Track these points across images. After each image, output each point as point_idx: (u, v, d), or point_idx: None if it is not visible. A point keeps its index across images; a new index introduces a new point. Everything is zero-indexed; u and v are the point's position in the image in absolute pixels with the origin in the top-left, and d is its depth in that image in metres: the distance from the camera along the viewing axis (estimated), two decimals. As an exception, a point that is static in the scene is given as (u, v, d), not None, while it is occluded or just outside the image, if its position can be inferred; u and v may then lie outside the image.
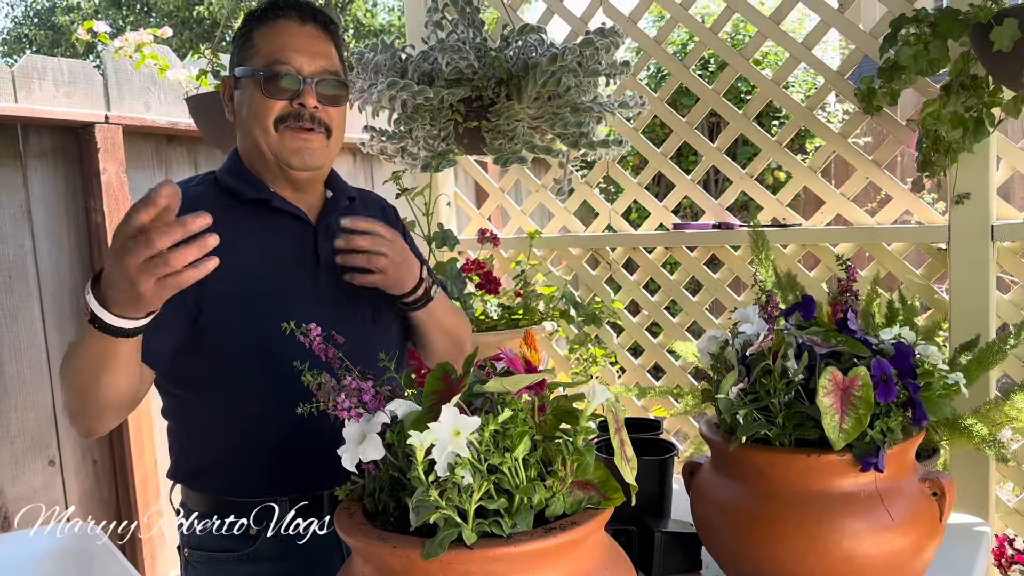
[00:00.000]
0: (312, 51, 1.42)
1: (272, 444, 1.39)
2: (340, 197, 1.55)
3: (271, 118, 1.40)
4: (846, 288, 1.32)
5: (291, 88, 1.39)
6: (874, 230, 2.33)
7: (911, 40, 1.95)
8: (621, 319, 2.81)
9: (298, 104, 1.40)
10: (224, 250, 1.35)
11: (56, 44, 16.79)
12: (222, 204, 1.42)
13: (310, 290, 1.43)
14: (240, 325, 1.37)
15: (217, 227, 1.37)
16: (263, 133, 1.41)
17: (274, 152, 1.42)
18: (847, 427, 1.12)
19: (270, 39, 1.41)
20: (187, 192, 1.42)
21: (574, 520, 0.91)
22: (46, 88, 2.59)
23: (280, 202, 1.45)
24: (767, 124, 5.33)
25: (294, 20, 1.43)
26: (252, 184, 1.45)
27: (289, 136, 1.40)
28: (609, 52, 1.96)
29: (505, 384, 0.92)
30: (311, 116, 1.41)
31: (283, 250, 1.44)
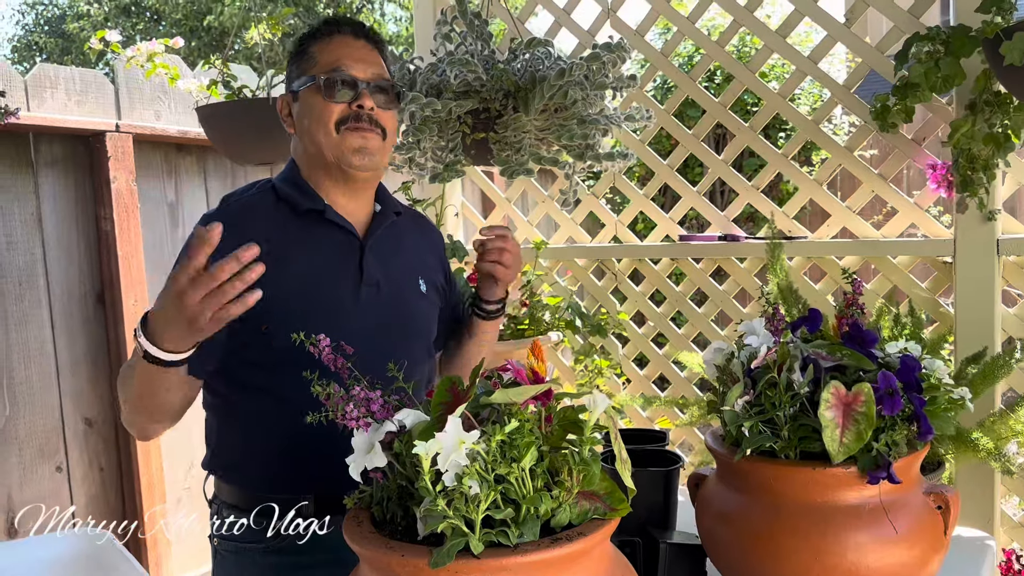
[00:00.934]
0: (366, 60, 1.52)
1: (310, 447, 1.41)
2: (388, 212, 1.61)
3: (333, 120, 1.48)
4: (852, 301, 1.32)
5: (350, 91, 1.48)
6: (880, 243, 2.33)
7: (922, 58, 1.96)
8: (627, 330, 2.82)
9: (356, 106, 1.48)
10: (276, 260, 1.40)
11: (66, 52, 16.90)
12: (278, 213, 1.50)
13: (351, 303, 1.48)
14: (283, 334, 1.37)
15: (272, 236, 1.44)
16: (326, 135, 1.48)
17: (335, 153, 1.48)
18: (847, 441, 1.12)
19: (327, 51, 1.51)
20: (245, 200, 1.52)
21: (580, 530, 0.92)
22: (58, 96, 2.62)
23: (332, 214, 1.51)
24: (773, 136, 5.34)
25: (348, 35, 1.53)
26: (307, 194, 1.51)
27: (349, 135, 1.48)
28: (616, 66, 1.98)
29: (511, 395, 0.93)
30: (369, 117, 1.49)
31: (330, 263, 1.50)
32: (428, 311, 1.63)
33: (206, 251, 1.12)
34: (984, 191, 2.04)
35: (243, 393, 1.48)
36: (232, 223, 1.41)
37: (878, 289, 2.37)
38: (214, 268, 1.12)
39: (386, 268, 1.55)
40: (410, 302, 1.58)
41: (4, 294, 2.48)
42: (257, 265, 1.14)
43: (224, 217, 1.44)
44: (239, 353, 1.43)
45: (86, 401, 2.67)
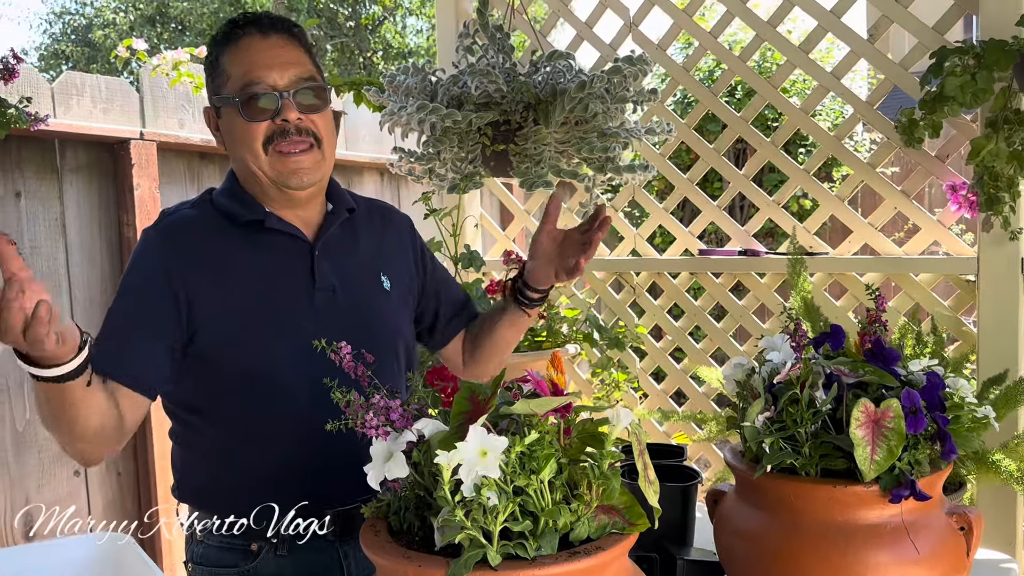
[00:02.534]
0: (281, 62, 1.37)
1: (277, 468, 1.39)
2: (339, 210, 1.52)
3: (258, 142, 1.37)
4: (875, 318, 1.31)
5: (270, 107, 1.36)
6: (902, 260, 2.32)
7: (957, 71, 1.94)
8: (644, 344, 2.80)
9: (281, 120, 1.36)
10: (219, 277, 1.37)
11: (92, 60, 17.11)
12: (217, 227, 1.41)
13: (305, 310, 1.41)
14: (235, 349, 1.36)
15: (213, 251, 1.38)
16: (254, 158, 1.38)
17: (269, 176, 1.39)
18: (878, 459, 1.11)
19: (237, 61, 1.37)
20: (181, 215, 1.43)
21: (599, 545, 0.91)
22: (84, 104, 2.65)
23: (274, 222, 1.42)
24: (794, 152, 5.32)
25: (255, 35, 1.38)
26: (247, 205, 1.42)
27: (280, 160, 1.37)
28: (637, 79, 1.98)
29: (532, 406, 0.92)
30: (296, 128, 1.37)
31: (277, 271, 1.42)
32: (395, 308, 1.54)
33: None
34: (1009, 209, 2.02)
35: (204, 419, 1.42)
36: (167, 239, 1.38)
37: (899, 307, 2.35)
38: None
39: (341, 270, 1.46)
40: (372, 302, 1.49)
41: (27, 298, 2.50)
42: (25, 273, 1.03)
43: (165, 232, 1.40)
44: (196, 377, 1.37)
45: (105, 406, 2.69)
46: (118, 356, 1.31)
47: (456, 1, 2.95)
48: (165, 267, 1.35)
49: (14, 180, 2.48)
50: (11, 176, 2.48)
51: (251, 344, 1.36)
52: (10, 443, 2.46)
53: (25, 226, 2.50)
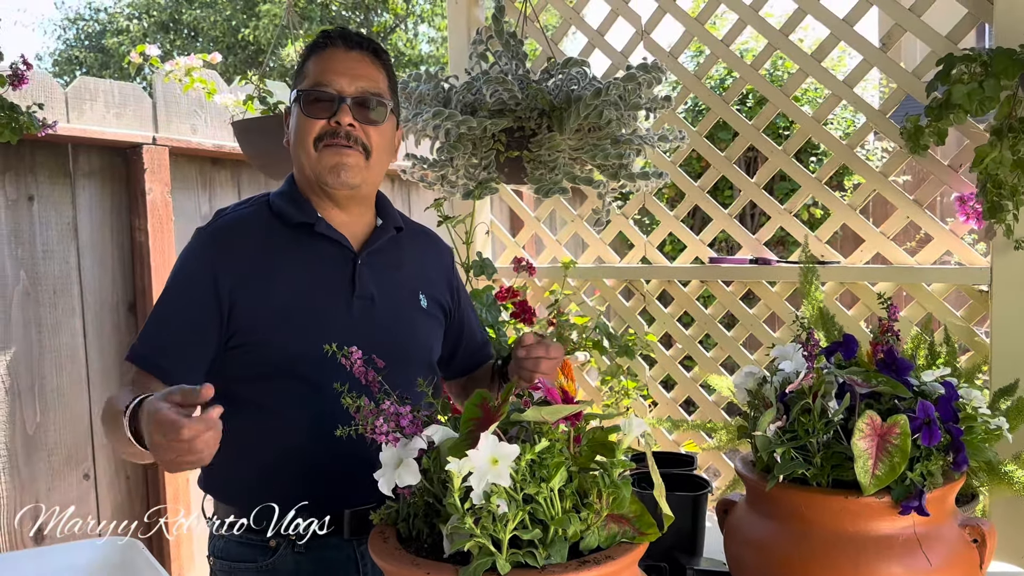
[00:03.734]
0: (354, 73, 1.45)
1: (302, 463, 1.41)
2: (388, 226, 1.57)
3: (311, 137, 1.44)
4: (887, 328, 1.30)
5: (328, 107, 1.43)
6: (914, 270, 2.30)
7: (964, 79, 1.93)
8: (654, 351, 2.80)
9: (335, 122, 1.43)
10: (263, 274, 1.42)
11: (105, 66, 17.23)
12: (269, 227, 1.47)
13: (342, 317, 1.45)
14: (270, 344, 1.41)
15: (261, 250, 1.43)
16: (304, 153, 1.45)
17: (314, 171, 1.45)
18: (879, 473, 1.10)
19: (316, 64, 1.47)
20: (237, 213, 1.49)
21: (609, 554, 0.91)
22: (97, 109, 2.66)
23: (324, 227, 1.48)
24: (804, 160, 5.31)
25: (340, 47, 1.47)
26: (300, 207, 1.48)
27: (326, 153, 1.44)
28: (651, 87, 1.98)
29: (543, 414, 0.92)
30: (347, 134, 1.44)
31: (320, 276, 1.46)
32: (429, 326, 1.59)
33: (185, 412, 1.06)
34: (1013, 217, 2.01)
35: (231, 407, 1.39)
36: (217, 240, 1.46)
37: (912, 316, 2.33)
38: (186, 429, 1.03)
39: (381, 281, 1.51)
40: (408, 316, 1.54)
41: (39, 302, 2.51)
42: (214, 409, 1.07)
43: (215, 232, 1.47)
44: (229, 366, 1.42)
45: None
46: (159, 353, 1.39)
47: (468, 9, 2.96)
48: (212, 269, 1.41)
49: (27, 184, 2.49)
50: (24, 180, 2.49)
51: (286, 340, 1.40)
52: (20, 446, 2.47)
53: (38, 230, 2.51)
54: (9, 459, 2.43)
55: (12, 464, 2.44)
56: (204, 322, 1.40)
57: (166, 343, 1.41)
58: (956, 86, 1.94)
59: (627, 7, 2.73)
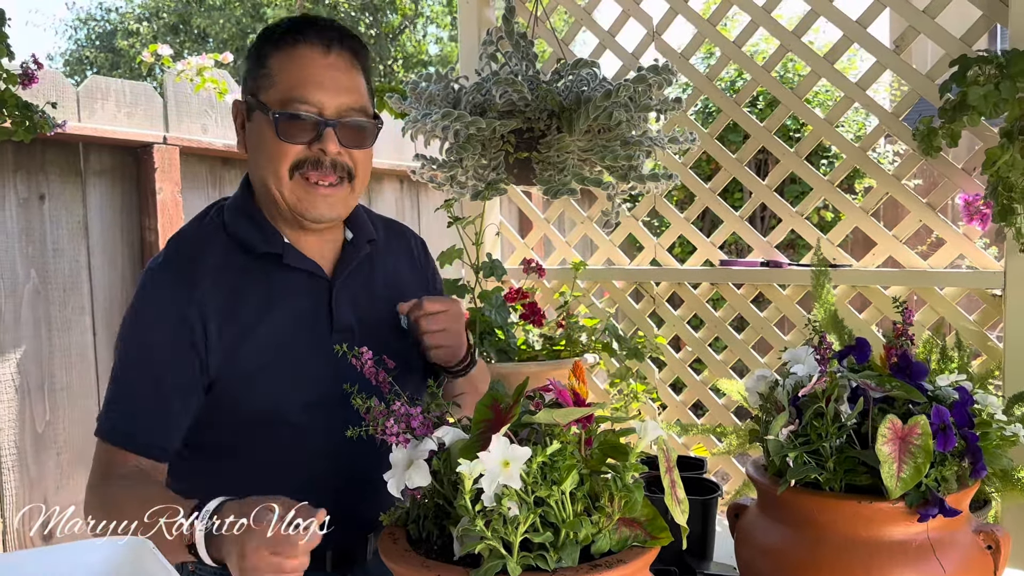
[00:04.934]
0: (336, 86, 1.26)
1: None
2: (360, 241, 1.41)
3: (286, 164, 1.25)
4: (902, 332, 1.29)
5: (310, 132, 1.25)
6: (927, 273, 2.29)
7: (980, 80, 1.92)
8: (664, 354, 2.78)
9: (318, 149, 1.25)
10: (233, 317, 1.26)
11: (115, 67, 17.30)
12: (229, 257, 1.31)
13: (319, 359, 1.30)
14: (252, 396, 1.29)
15: (226, 287, 1.27)
16: (276, 180, 1.26)
17: (288, 202, 1.28)
18: (905, 476, 1.09)
19: (288, 70, 1.25)
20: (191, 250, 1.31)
21: (620, 558, 0.90)
22: (108, 108, 2.67)
23: (293, 258, 1.32)
24: (815, 162, 5.29)
25: (317, 48, 1.26)
26: (264, 231, 1.32)
27: (305, 189, 1.26)
28: (661, 88, 1.97)
29: (555, 416, 0.91)
30: (332, 163, 1.26)
31: (295, 313, 1.31)
32: (409, 347, 1.41)
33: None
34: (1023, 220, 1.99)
35: (210, 454, 1.32)
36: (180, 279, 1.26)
37: (924, 320, 2.32)
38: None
39: (359, 309, 1.36)
40: (391, 344, 1.31)
41: (49, 300, 2.52)
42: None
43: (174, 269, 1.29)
44: (205, 414, 1.29)
45: (124, 409, 2.70)
46: (141, 426, 1.24)
47: (479, 10, 2.95)
48: (181, 314, 1.24)
49: (38, 183, 2.50)
50: (36, 179, 2.50)
51: (269, 391, 1.28)
52: (30, 444, 2.47)
53: (48, 228, 2.52)
54: (19, 457, 2.44)
55: (21, 462, 2.45)
56: (186, 378, 1.24)
57: (147, 413, 1.24)
58: (972, 88, 1.93)
59: (638, 8, 2.72)
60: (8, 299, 2.43)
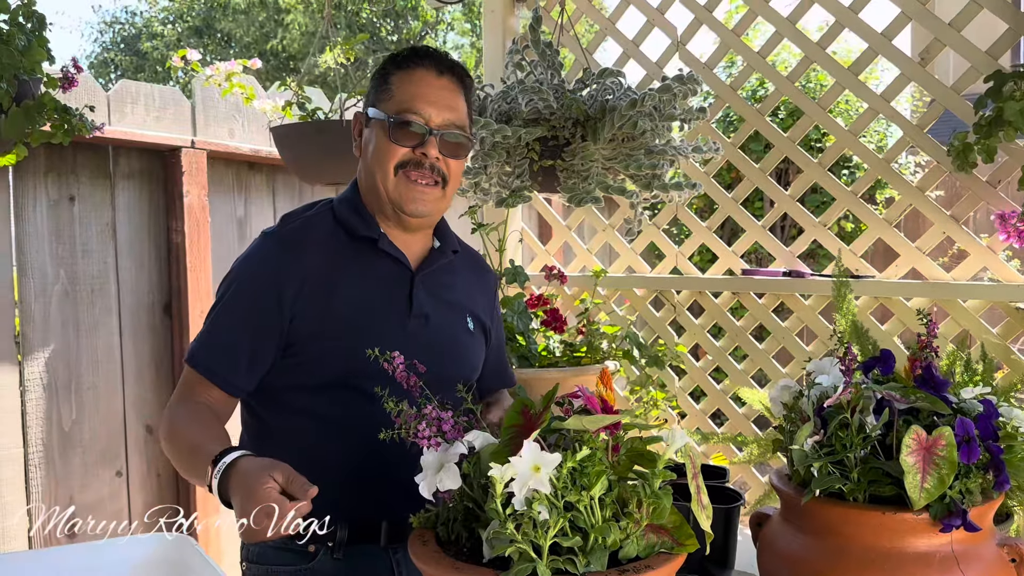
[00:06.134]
0: (443, 103, 1.47)
1: (343, 471, 1.42)
2: (446, 249, 1.59)
3: (393, 162, 1.45)
4: (926, 344, 1.29)
5: (416, 137, 1.45)
6: (950, 286, 2.28)
7: (1016, 95, 1.92)
8: (684, 362, 2.79)
9: (420, 152, 1.45)
10: (326, 286, 1.44)
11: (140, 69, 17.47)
12: (333, 236, 1.49)
13: (398, 333, 1.47)
14: (329, 358, 1.43)
15: (327, 260, 1.45)
16: (383, 176, 1.46)
17: (391, 196, 1.47)
18: (928, 487, 1.10)
19: (405, 86, 1.46)
20: (304, 220, 1.53)
21: (648, 563, 0.91)
22: (137, 112, 2.71)
23: (386, 244, 1.50)
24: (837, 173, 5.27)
25: (431, 71, 1.48)
26: (365, 220, 1.50)
27: (406, 184, 1.46)
28: (686, 98, 1.98)
29: (585, 423, 0.93)
30: (431, 166, 1.46)
31: (380, 292, 1.49)
32: (475, 348, 1.62)
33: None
34: None
35: (282, 414, 1.48)
36: (284, 249, 1.47)
37: (947, 333, 2.31)
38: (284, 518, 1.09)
39: (436, 302, 1.54)
40: (458, 337, 1.56)
41: (77, 301, 2.56)
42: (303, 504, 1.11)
43: (283, 240, 1.48)
44: (283, 374, 1.44)
45: (148, 408, 2.73)
46: (220, 361, 1.42)
47: (503, 18, 2.98)
48: (277, 278, 1.43)
49: (69, 185, 2.54)
50: (66, 181, 2.54)
51: (345, 355, 1.42)
52: (56, 443, 2.51)
53: (77, 229, 2.56)
54: (45, 455, 2.48)
55: (48, 460, 2.48)
56: (267, 332, 1.42)
57: (229, 351, 1.43)
58: (1008, 103, 1.93)
59: (663, 18, 2.74)
60: (38, 299, 2.47)
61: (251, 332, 1.42)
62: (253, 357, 1.42)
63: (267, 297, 1.42)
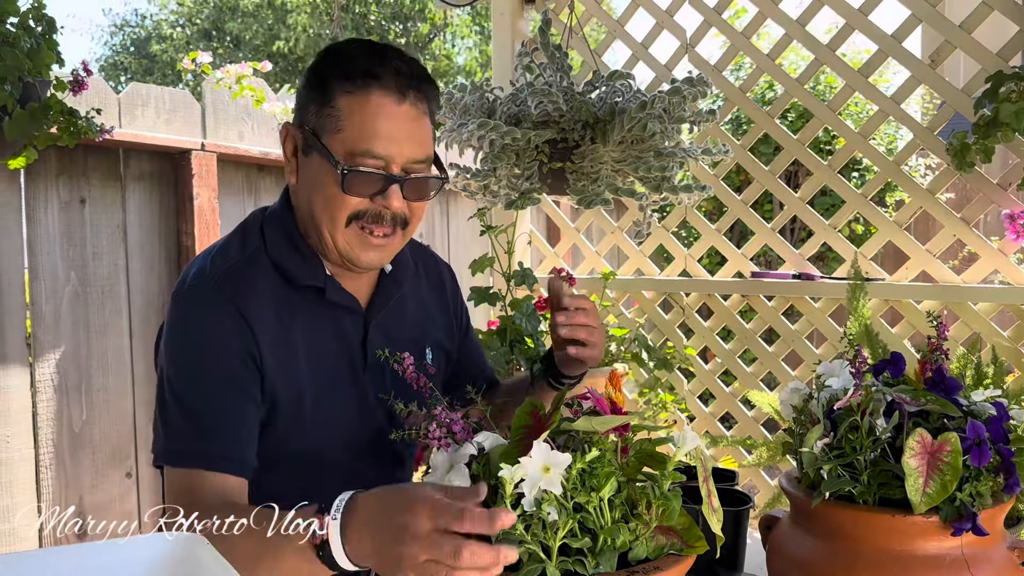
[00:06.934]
0: (406, 137, 1.20)
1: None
2: (400, 276, 1.39)
3: (344, 214, 1.21)
4: (936, 346, 1.29)
5: (374, 187, 1.20)
6: (961, 288, 2.28)
7: (1012, 97, 1.91)
8: (693, 365, 2.78)
9: (381, 204, 1.21)
10: (280, 352, 1.24)
11: (149, 72, 17.55)
12: (275, 290, 1.27)
13: (354, 392, 1.32)
14: (287, 428, 1.27)
15: (274, 323, 1.23)
16: (331, 225, 1.22)
17: (339, 248, 1.25)
18: (931, 491, 1.09)
19: (358, 118, 1.18)
20: (237, 269, 1.25)
21: (657, 565, 0.91)
22: (148, 115, 2.72)
23: (334, 292, 1.29)
24: (847, 175, 5.26)
25: (391, 96, 1.19)
26: (308, 263, 1.28)
27: (359, 237, 1.23)
28: (695, 100, 1.98)
29: (594, 424, 0.93)
30: (393, 216, 1.23)
31: (332, 349, 1.31)
32: (437, 381, 1.40)
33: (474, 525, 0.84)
34: None
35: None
36: (231, 299, 1.21)
37: (957, 336, 2.31)
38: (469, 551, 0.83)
39: (393, 344, 1.30)
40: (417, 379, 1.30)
41: (88, 303, 2.57)
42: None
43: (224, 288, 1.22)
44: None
45: (158, 410, 2.74)
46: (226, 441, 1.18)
47: (513, 21, 2.98)
48: (241, 336, 1.20)
49: (80, 187, 2.56)
50: (77, 183, 2.55)
51: (303, 426, 1.27)
52: (67, 443, 2.52)
53: (88, 231, 2.57)
54: (56, 455, 2.49)
55: (59, 461, 2.50)
56: (257, 397, 1.22)
57: (237, 428, 1.19)
58: (1004, 104, 1.93)
59: (672, 20, 2.74)
60: (49, 300, 2.49)
61: (244, 398, 1.20)
62: (252, 426, 1.21)
63: (243, 357, 1.19)
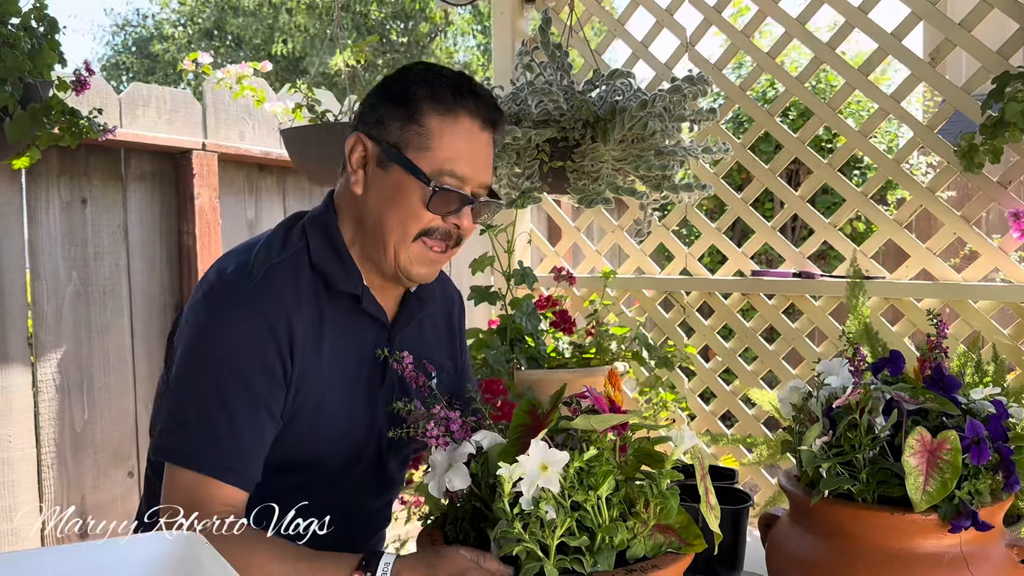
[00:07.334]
0: (483, 164, 1.27)
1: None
2: (425, 296, 1.42)
3: (418, 228, 1.24)
4: (936, 345, 1.29)
5: (455, 206, 1.25)
6: (961, 287, 2.28)
7: (1019, 97, 1.91)
8: (693, 364, 2.79)
9: (453, 223, 1.26)
10: (310, 347, 1.24)
11: (151, 72, 17.56)
12: (313, 294, 1.28)
13: (368, 408, 1.33)
14: (304, 434, 1.27)
15: (309, 327, 1.24)
16: (400, 239, 1.25)
17: (400, 261, 1.27)
18: (931, 489, 1.10)
19: (449, 140, 1.23)
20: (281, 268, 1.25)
21: (655, 563, 0.91)
22: (149, 114, 2.73)
23: (369, 303, 1.31)
24: (847, 173, 5.26)
25: (476, 121, 1.25)
26: (348, 271, 1.30)
27: (422, 252, 1.26)
28: (696, 99, 1.98)
29: (592, 422, 0.93)
30: (459, 237, 1.28)
31: (357, 361, 1.32)
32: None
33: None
34: None
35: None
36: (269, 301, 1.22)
37: (957, 334, 2.30)
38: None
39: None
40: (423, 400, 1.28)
41: (89, 302, 2.58)
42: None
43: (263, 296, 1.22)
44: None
45: (160, 409, 2.75)
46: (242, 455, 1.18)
47: (513, 20, 2.98)
48: (277, 335, 1.21)
49: (81, 187, 2.56)
50: (79, 183, 2.56)
51: (319, 433, 1.28)
52: (68, 443, 2.52)
53: (89, 231, 2.58)
54: (57, 455, 2.49)
55: (61, 461, 2.50)
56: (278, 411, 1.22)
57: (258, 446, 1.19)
58: (1010, 104, 1.92)
59: (672, 19, 2.74)
60: (50, 300, 2.49)
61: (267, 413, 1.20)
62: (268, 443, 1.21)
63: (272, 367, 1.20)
